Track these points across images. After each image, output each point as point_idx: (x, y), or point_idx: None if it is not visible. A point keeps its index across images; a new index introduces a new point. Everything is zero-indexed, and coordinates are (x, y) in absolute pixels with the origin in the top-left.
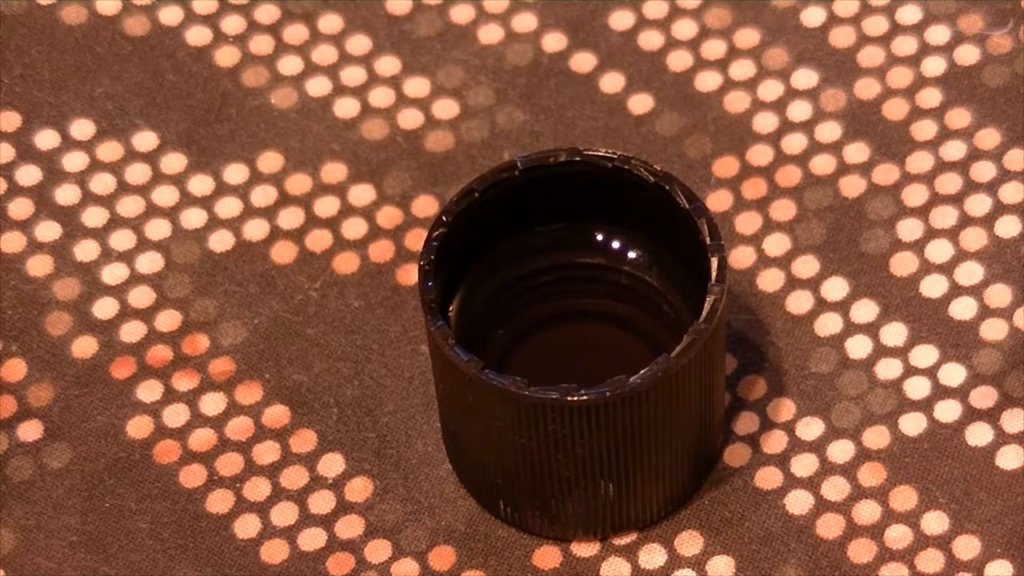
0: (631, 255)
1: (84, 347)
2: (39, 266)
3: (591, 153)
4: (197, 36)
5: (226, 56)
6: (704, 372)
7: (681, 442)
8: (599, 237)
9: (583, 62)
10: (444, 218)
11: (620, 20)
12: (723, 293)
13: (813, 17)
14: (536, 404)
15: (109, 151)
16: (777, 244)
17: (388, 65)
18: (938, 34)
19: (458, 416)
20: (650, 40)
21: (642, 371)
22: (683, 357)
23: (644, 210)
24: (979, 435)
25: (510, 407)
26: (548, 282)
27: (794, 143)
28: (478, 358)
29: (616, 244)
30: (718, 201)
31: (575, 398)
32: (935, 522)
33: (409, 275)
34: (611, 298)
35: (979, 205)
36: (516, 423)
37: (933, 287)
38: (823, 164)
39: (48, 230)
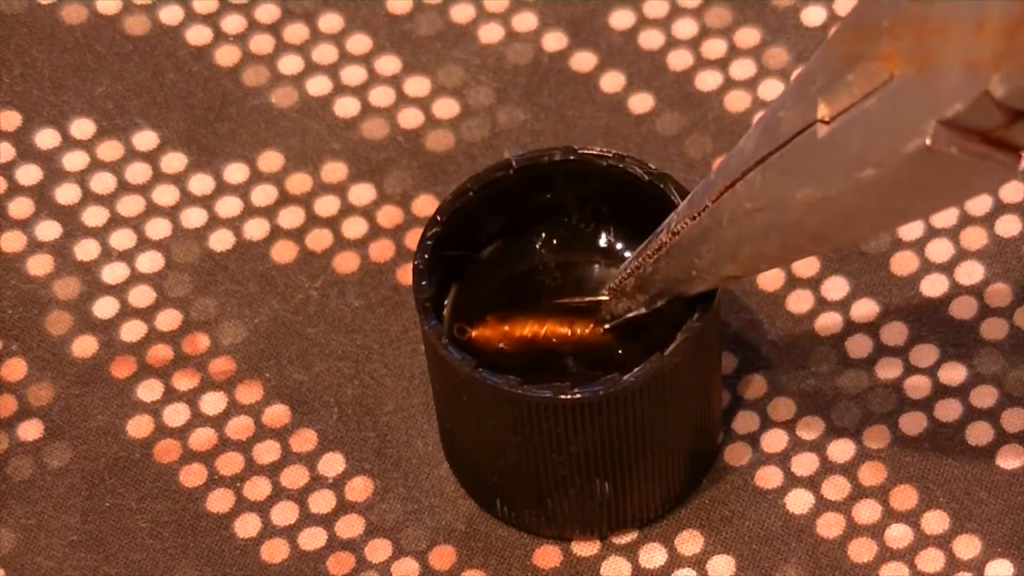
0: (627, 253)
1: (84, 346)
2: (39, 266)
3: (586, 152)
4: (197, 35)
5: (226, 55)
6: (699, 370)
7: (677, 440)
8: (594, 235)
9: (583, 61)
10: (439, 217)
11: (620, 19)
12: (717, 290)
13: (813, 16)
14: (529, 403)
15: (109, 150)
16: None
17: (388, 64)
18: None
19: (454, 415)
20: (650, 39)
21: (635, 369)
22: (676, 355)
23: (639, 208)
24: (979, 435)
25: (504, 406)
26: (543, 281)
27: None
28: (472, 357)
29: (611, 242)
30: None
31: (568, 397)
32: (935, 521)
33: (409, 274)
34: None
35: (979, 204)
36: (510, 422)
37: (933, 286)
38: None
39: (48, 229)
